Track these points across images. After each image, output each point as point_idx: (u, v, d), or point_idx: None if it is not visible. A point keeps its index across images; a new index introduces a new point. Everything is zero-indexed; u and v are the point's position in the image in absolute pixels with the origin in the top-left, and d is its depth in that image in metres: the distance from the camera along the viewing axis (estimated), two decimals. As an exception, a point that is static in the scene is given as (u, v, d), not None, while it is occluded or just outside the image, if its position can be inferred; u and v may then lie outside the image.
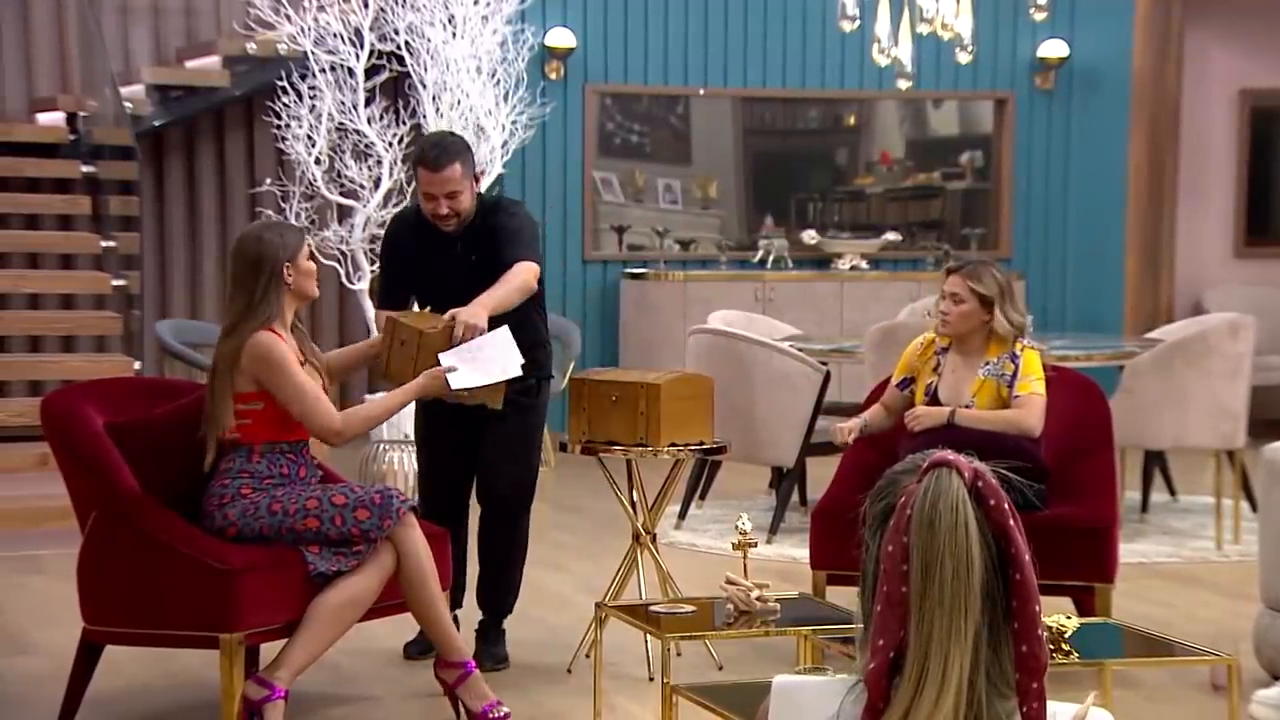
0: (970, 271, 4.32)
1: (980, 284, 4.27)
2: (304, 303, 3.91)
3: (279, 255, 3.81)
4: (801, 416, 6.08)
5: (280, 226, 4.00)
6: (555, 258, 8.57)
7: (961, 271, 4.33)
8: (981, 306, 4.28)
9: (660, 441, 4.26)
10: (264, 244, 3.83)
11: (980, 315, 4.29)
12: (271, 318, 3.78)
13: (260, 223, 4.23)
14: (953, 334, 4.35)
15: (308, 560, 3.71)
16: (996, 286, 4.28)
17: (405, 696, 4.15)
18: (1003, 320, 4.28)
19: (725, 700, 3.14)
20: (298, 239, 3.86)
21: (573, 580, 5.46)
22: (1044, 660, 1.47)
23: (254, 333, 3.75)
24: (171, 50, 8.37)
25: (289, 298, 3.83)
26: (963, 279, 4.30)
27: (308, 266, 3.85)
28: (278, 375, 3.74)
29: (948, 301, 4.32)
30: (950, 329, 4.34)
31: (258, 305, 3.77)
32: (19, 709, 4.01)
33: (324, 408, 3.78)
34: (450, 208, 4.22)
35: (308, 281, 3.86)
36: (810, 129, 9.30)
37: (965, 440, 4.01)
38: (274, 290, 3.79)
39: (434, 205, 4.22)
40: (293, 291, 3.83)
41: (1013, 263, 9.22)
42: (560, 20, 8.45)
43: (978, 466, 1.49)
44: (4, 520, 5.92)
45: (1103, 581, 4.27)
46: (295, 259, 3.81)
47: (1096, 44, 9.19)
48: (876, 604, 1.47)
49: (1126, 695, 4.01)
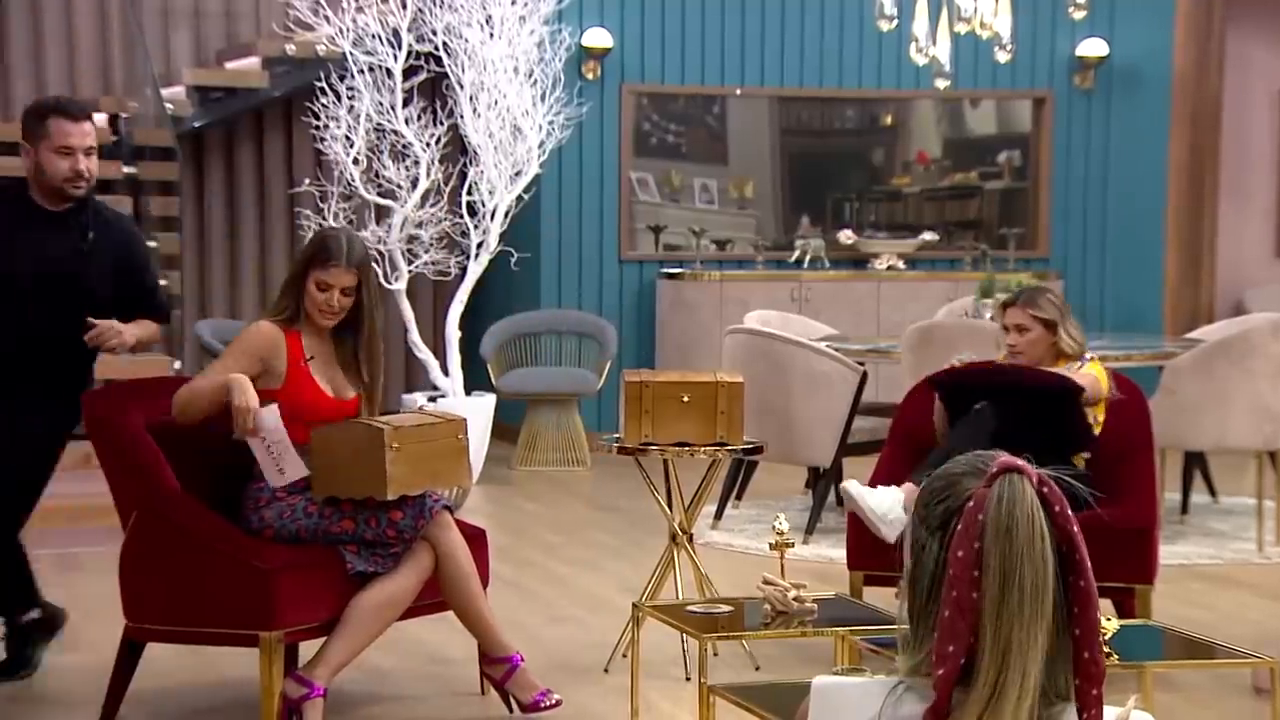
0: (1028, 300, 4.46)
1: (1040, 309, 4.42)
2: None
3: (297, 261, 3.86)
4: (838, 417, 6.07)
5: (321, 239, 3.85)
6: (592, 257, 8.58)
7: (1019, 302, 4.46)
8: (1046, 330, 4.40)
9: (740, 440, 4.29)
10: (310, 241, 3.86)
11: (1047, 339, 4.42)
12: (287, 313, 3.79)
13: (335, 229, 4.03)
14: (1026, 362, 4.43)
15: (346, 559, 3.72)
16: (1055, 309, 4.43)
17: (444, 695, 4.16)
18: (1067, 339, 4.41)
19: (763, 700, 3.14)
20: (312, 255, 3.77)
21: (610, 580, 5.47)
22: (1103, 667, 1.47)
23: (262, 319, 3.83)
24: (212, 52, 8.43)
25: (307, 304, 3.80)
26: (1022, 308, 4.43)
27: (311, 290, 3.76)
28: (228, 346, 3.85)
29: (1013, 334, 4.44)
30: (1023, 359, 4.44)
31: (282, 294, 3.85)
32: (62, 705, 4.05)
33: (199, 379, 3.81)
34: (89, 168, 3.95)
35: (310, 304, 3.77)
36: (847, 129, 9.27)
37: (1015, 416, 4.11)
38: (294, 290, 3.80)
39: (72, 162, 3.91)
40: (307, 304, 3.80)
41: (1050, 262, 9.17)
42: (597, 20, 8.46)
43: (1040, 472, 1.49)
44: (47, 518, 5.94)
45: (1143, 583, 4.25)
46: (307, 270, 3.78)
47: (1136, 43, 9.13)
48: (944, 609, 1.46)
49: (1167, 698, 3.98)
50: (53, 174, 3.92)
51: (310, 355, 3.79)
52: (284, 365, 3.76)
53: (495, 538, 4.32)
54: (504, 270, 7.54)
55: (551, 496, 7.23)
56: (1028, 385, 4.30)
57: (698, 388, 4.29)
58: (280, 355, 3.76)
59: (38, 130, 3.93)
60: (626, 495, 6.90)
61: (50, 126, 3.91)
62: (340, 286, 3.76)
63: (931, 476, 1.57)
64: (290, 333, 3.78)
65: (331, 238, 3.83)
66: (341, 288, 3.76)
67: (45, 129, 3.91)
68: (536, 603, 5.13)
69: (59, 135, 3.90)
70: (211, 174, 8.31)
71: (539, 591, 5.31)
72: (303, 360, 3.78)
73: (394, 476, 3.63)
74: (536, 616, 4.93)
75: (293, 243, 8.26)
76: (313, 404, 3.78)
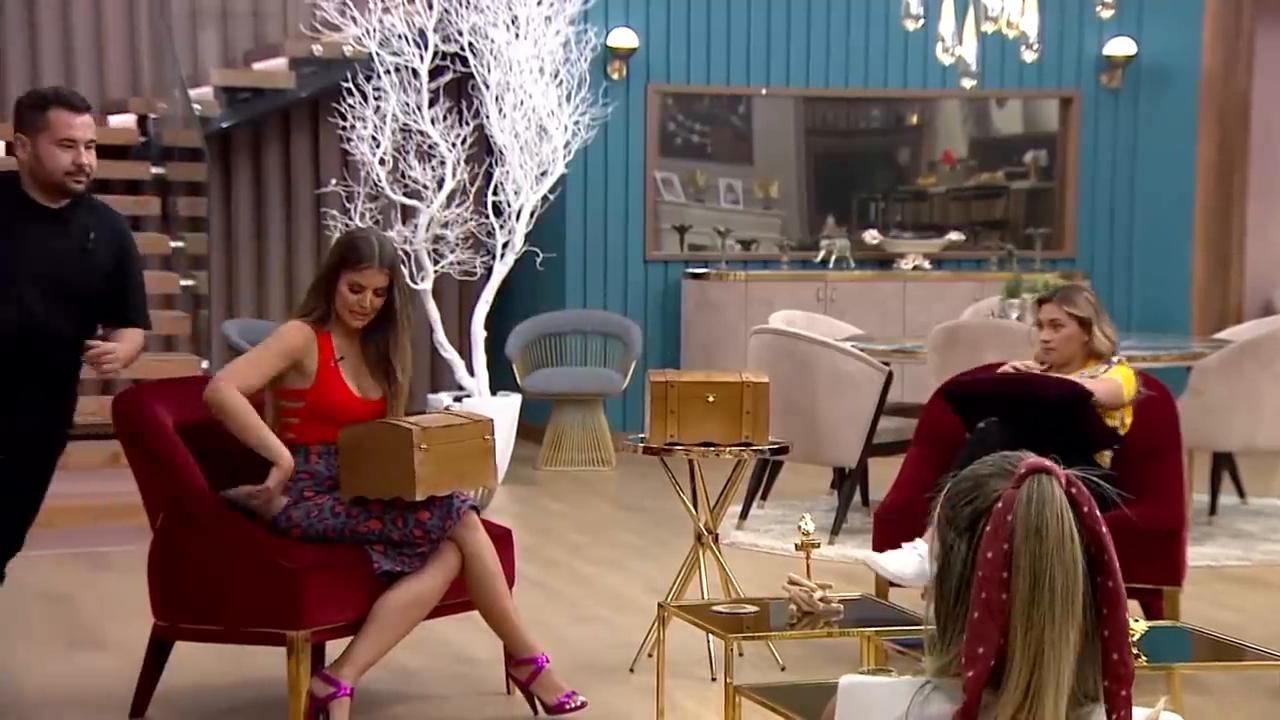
0: (1064, 297, 4.48)
1: (1076, 307, 4.43)
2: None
3: (327, 263, 3.85)
4: (864, 417, 6.06)
5: (351, 241, 3.85)
6: (617, 257, 8.59)
7: (1055, 299, 4.48)
8: (1080, 328, 4.41)
9: (765, 440, 4.29)
10: (339, 243, 3.88)
11: (1080, 337, 4.43)
12: (316, 313, 3.79)
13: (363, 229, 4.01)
14: (1058, 360, 4.45)
15: (373, 559, 3.74)
16: (1090, 307, 4.45)
17: (469, 694, 4.17)
18: (1101, 338, 4.42)
19: (789, 701, 3.14)
20: (343, 256, 3.77)
21: (635, 580, 5.47)
22: (1132, 668, 1.47)
23: (296, 318, 3.82)
24: (239, 53, 8.47)
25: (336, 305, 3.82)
26: (1058, 305, 4.45)
27: (342, 291, 3.78)
28: (265, 341, 3.82)
29: (1047, 329, 4.45)
30: (1056, 355, 4.44)
31: (311, 293, 3.85)
32: (92, 703, 4.07)
33: (233, 367, 3.78)
34: (90, 162, 3.76)
35: (341, 305, 3.78)
36: (872, 128, 9.25)
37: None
38: (323, 291, 3.82)
39: (74, 155, 3.71)
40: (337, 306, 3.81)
41: (1077, 263, 9.13)
42: (623, 20, 8.46)
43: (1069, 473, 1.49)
44: (76, 517, 6.01)
45: (1171, 584, 4.23)
46: (338, 273, 3.79)
47: (1164, 41, 9.09)
48: (973, 610, 1.46)
49: (1196, 700, 3.96)
50: (53, 167, 3.72)
51: (340, 356, 3.81)
52: (315, 365, 3.78)
53: (520, 537, 4.33)
54: (529, 270, 7.56)
55: (576, 496, 7.24)
56: (1037, 394, 4.29)
57: (723, 388, 4.29)
58: (312, 355, 3.78)
59: (36, 121, 3.72)
60: (651, 495, 6.90)
61: (51, 117, 3.72)
62: (373, 287, 3.78)
63: (958, 478, 1.56)
64: (321, 333, 3.80)
65: (362, 239, 3.84)
66: (374, 289, 3.78)
67: (45, 120, 3.72)
68: (562, 603, 5.14)
69: (60, 127, 3.71)
70: (239, 174, 8.34)
71: (564, 591, 5.32)
72: (333, 361, 3.79)
73: (422, 477, 3.64)
74: (562, 616, 4.93)
75: (319, 243, 8.29)
76: (342, 404, 3.80)
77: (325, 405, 3.77)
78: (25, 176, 3.76)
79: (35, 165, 3.73)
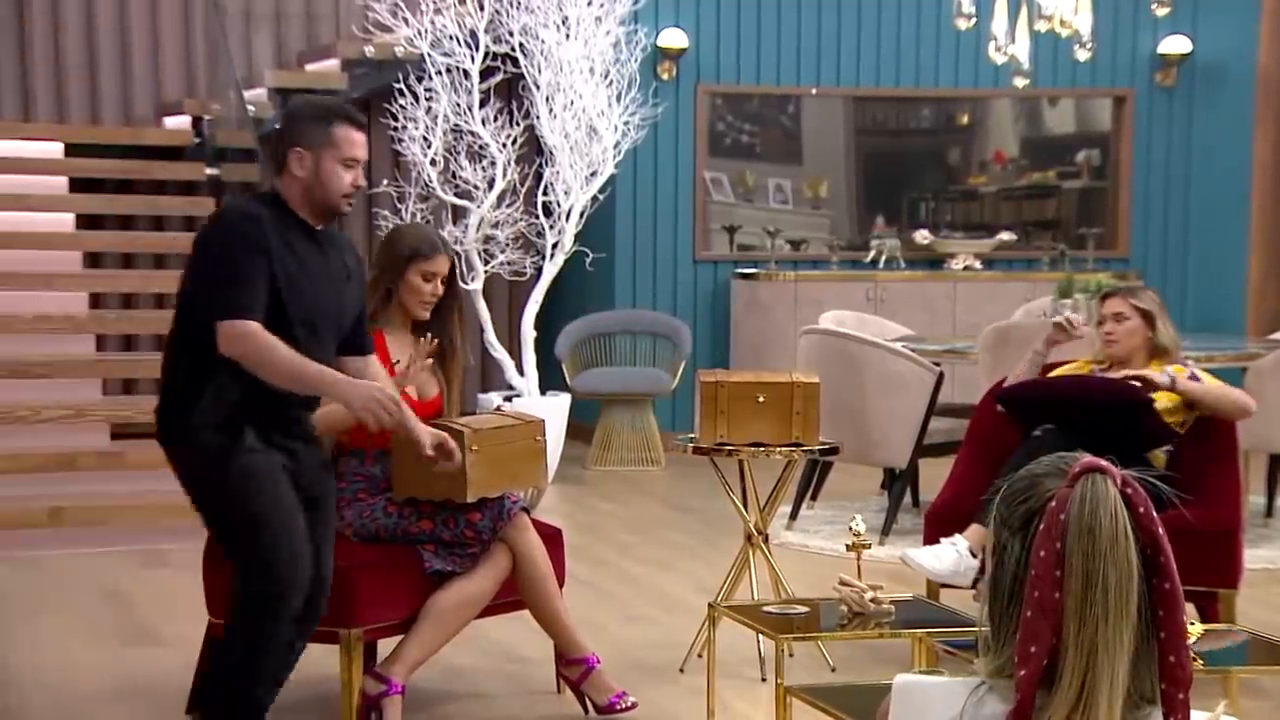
0: (1129, 290, 4.50)
1: (1141, 300, 4.43)
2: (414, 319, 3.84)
3: (392, 254, 3.83)
4: (914, 417, 6.03)
5: (417, 233, 3.90)
6: (666, 257, 8.59)
7: (1119, 293, 4.48)
8: (1144, 322, 4.40)
9: (815, 441, 4.29)
10: (393, 240, 3.89)
11: (1144, 332, 4.41)
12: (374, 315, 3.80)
13: (412, 223, 4.05)
14: (1120, 353, 4.42)
15: (424, 558, 3.76)
16: (1155, 303, 4.45)
17: (519, 694, 4.19)
18: (1165, 333, 4.41)
19: (840, 702, 3.13)
20: (414, 250, 3.81)
21: (685, 580, 5.47)
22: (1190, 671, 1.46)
23: None
24: (292, 54, 8.54)
25: (397, 302, 3.84)
26: (1123, 298, 4.44)
27: (415, 282, 3.82)
28: None
29: (1110, 322, 4.43)
30: (1119, 348, 4.42)
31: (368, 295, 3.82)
32: (148, 698, 4.12)
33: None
34: (363, 183, 3.46)
35: (410, 298, 3.82)
36: (922, 128, 9.21)
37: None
38: (381, 287, 3.83)
39: (355, 176, 3.38)
40: (399, 302, 3.84)
41: (1130, 263, 9.05)
42: (673, 21, 8.47)
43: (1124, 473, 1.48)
44: (132, 515, 6.08)
45: (1227, 587, 4.19)
46: (404, 268, 3.82)
47: (1220, 40, 8.99)
48: (1025, 609, 1.46)
49: (1253, 705, 3.92)
50: (335, 188, 3.34)
51: (396, 359, 3.83)
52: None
53: (570, 537, 4.34)
54: (579, 270, 7.57)
55: (626, 496, 7.25)
56: (1096, 398, 4.25)
57: (773, 388, 4.29)
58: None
59: (320, 137, 3.34)
60: (701, 495, 6.90)
61: (337, 134, 3.35)
62: (441, 275, 3.85)
63: (1014, 478, 1.56)
64: (376, 333, 3.82)
65: (423, 231, 3.92)
66: (441, 276, 3.85)
67: (331, 136, 3.34)
68: (611, 602, 5.15)
69: (346, 145, 3.36)
70: (291, 175, 8.40)
71: (614, 591, 5.33)
72: (390, 364, 3.81)
73: (474, 479, 3.66)
74: (611, 616, 4.94)
75: (370, 243, 8.33)
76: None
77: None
78: (296, 195, 3.34)
79: (314, 184, 3.33)
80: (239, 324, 3.19)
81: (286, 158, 3.36)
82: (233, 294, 3.20)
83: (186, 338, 3.31)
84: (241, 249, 3.23)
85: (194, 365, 3.27)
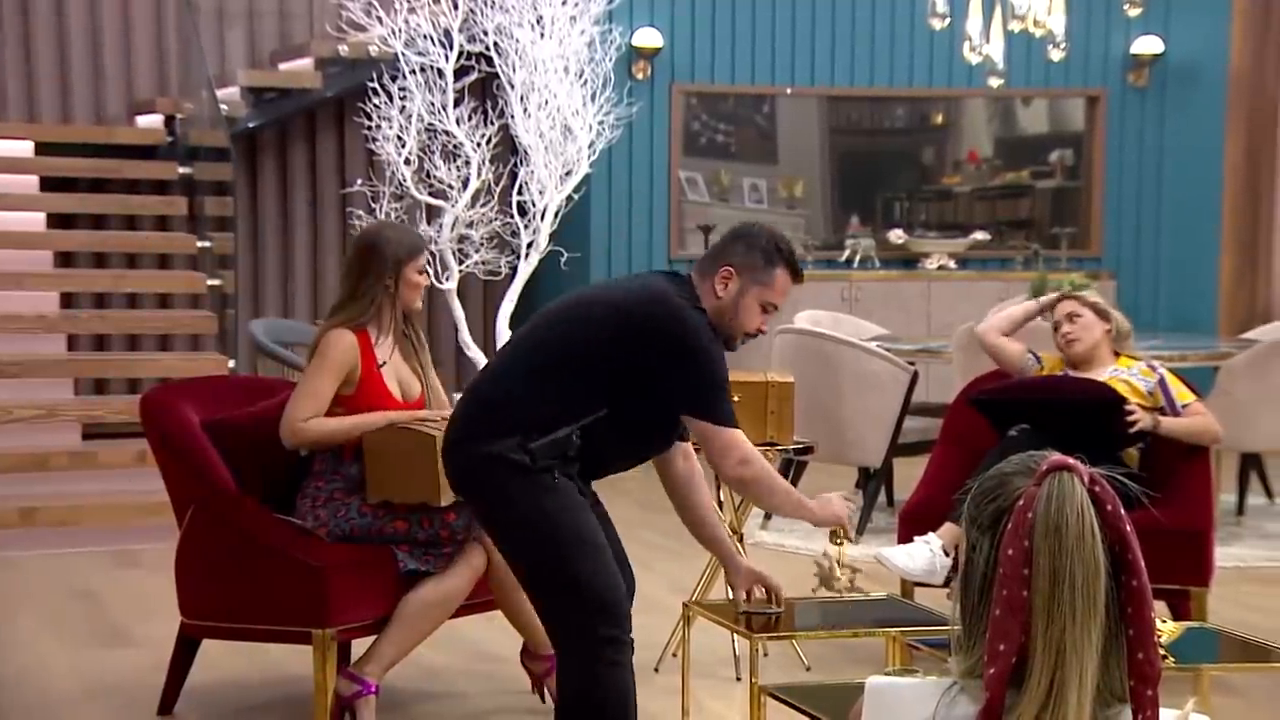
0: (1075, 290, 4.62)
1: (1089, 297, 4.54)
2: (409, 312, 3.87)
3: (387, 258, 3.82)
4: (889, 417, 6.05)
5: (401, 231, 3.95)
6: (641, 257, 8.59)
7: (1068, 296, 4.59)
8: (1099, 317, 4.48)
9: (790, 440, 4.29)
10: (379, 242, 3.85)
11: (1101, 325, 4.49)
12: (364, 316, 3.80)
13: (386, 221, 4.06)
14: (1082, 350, 4.49)
15: (398, 558, 3.75)
16: (1101, 298, 4.58)
17: (494, 693, 4.18)
18: (1121, 321, 4.50)
19: (814, 701, 3.13)
20: (411, 248, 3.83)
21: (660, 580, 5.47)
22: (1159, 668, 1.47)
23: (334, 327, 3.79)
24: (265, 53, 8.50)
25: (388, 302, 3.84)
26: (1072, 299, 4.54)
27: (414, 279, 3.83)
28: (309, 366, 3.80)
29: (1067, 324, 4.51)
30: (1080, 345, 4.49)
31: (355, 300, 3.80)
32: (120, 699, 4.10)
33: (300, 405, 3.71)
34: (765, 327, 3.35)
35: (411, 293, 3.84)
36: (897, 128, 9.23)
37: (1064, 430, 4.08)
38: (375, 290, 3.81)
39: (764, 321, 3.27)
40: (394, 298, 3.84)
41: (1103, 262, 9.09)
42: (647, 20, 8.47)
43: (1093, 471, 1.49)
44: (104, 515, 6.05)
45: (1198, 585, 4.22)
46: (403, 267, 3.82)
47: (1192, 40, 9.04)
48: (995, 608, 1.46)
49: (1224, 702, 3.94)
50: (744, 323, 3.21)
51: (383, 361, 3.83)
52: (359, 372, 3.79)
53: (546, 536, 4.32)
54: (554, 270, 7.56)
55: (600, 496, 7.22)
56: (1069, 399, 4.28)
57: (748, 387, 4.29)
58: (357, 362, 3.79)
59: (759, 271, 3.19)
60: (676, 495, 6.88)
61: (777, 277, 3.21)
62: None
63: (984, 477, 1.57)
64: (361, 334, 3.81)
65: (401, 229, 3.97)
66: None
67: (771, 276, 3.20)
68: (586, 601, 5.13)
69: (778, 292, 3.23)
70: (264, 174, 8.38)
71: (589, 590, 5.31)
72: (376, 366, 3.81)
73: (446, 483, 3.65)
74: (586, 615, 4.93)
75: (344, 242, 8.31)
76: (383, 410, 3.81)
77: (368, 409, 3.78)
78: (711, 313, 3.18)
79: (728, 309, 3.19)
80: (740, 436, 3.15)
81: (716, 270, 3.19)
82: (728, 401, 3.12)
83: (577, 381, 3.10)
84: (716, 349, 3.13)
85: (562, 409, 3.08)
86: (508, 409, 3.08)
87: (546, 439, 3.06)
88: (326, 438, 3.75)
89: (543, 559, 3.09)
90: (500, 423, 3.07)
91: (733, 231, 3.31)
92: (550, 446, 3.07)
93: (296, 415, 3.73)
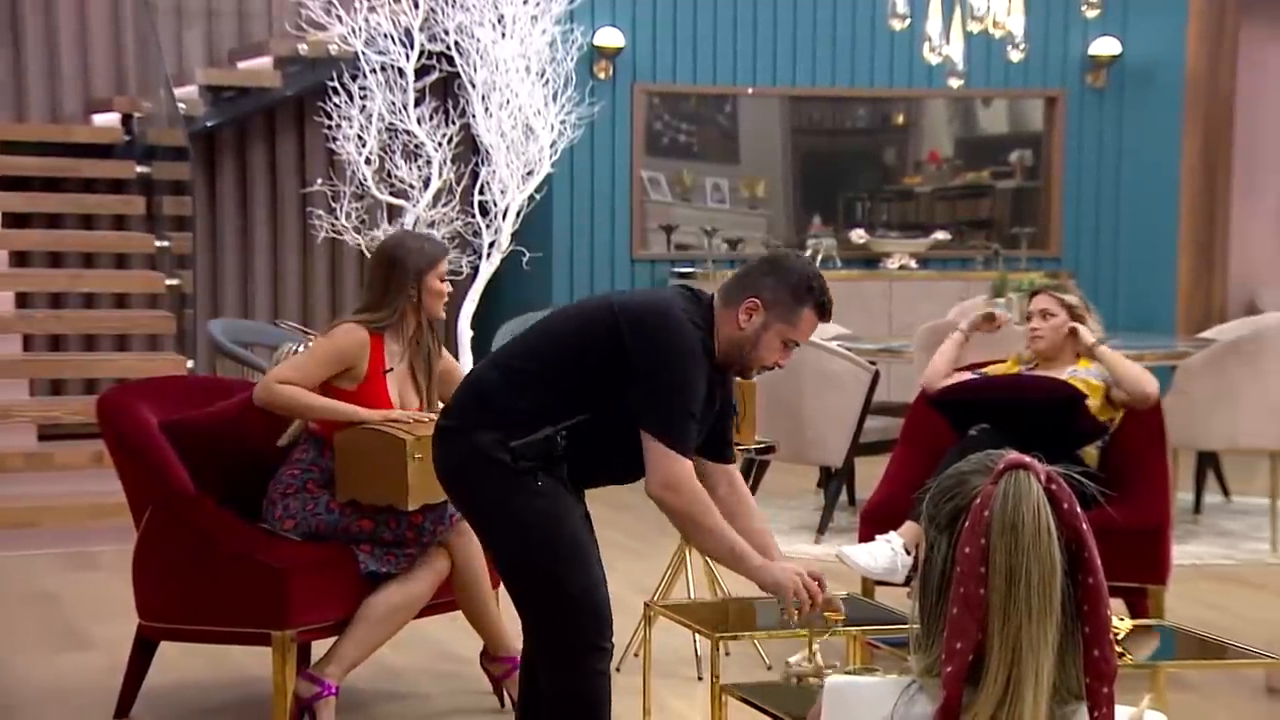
0: (1057, 287, 4.61)
1: (1067, 293, 4.55)
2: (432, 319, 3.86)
3: (409, 269, 3.80)
4: (850, 416, 6.07)
5: (421, 239, 3.94)
6: (604, 257, 8.59)
7: (1046, 290, 4.58)
8: (1071, 318, 4.49)
9: (752, 439, 4.29)
10: (402, 251, 3.83)
11: (1069, 328, 4.49)
12: (386, 321, 3.78)
13: (408, 230, 4.04)
14: (1046, 348, 4.50)
15: (359, 559, 3.74)
16: (1079, 299, 4.55)
17: (455, 693, 4.17)
18: (1092, 328, 4.49)
19: (775, 700, 3.14)
20: (432, 257, 3.81)
21: (621, 579, 5.45)
22: (1114, 665, 1.47)
23: (352, 322, 3.78)
24: (224, 51, 8.45)
25: (411, 311, 3.82)
26: (1050, 295, 4.53)
27: (436, 286, 3.81)
28: (313, 343, 3.79)
29: (1037, 319, 4.52)
30: (1044, 344, 4.50)
31: (376, 306, 3.79)
32: (77, 701, 4.06)
33: (285, 370, 3.72)
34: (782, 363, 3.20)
35: (434, 301, 3.82)
36: (858, 128, 9.27)
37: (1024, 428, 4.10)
38: (397, 298, 3.79)
39: (785, 356, 3.13)
40: (417, 306, 3.81)
41: (1063, 262, 9.15)
42: (609, 20, 8.46)
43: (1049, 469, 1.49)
44: (61, 516, 6.00)
45: (1155, 583, 4.25)
46: (425, 276, 3.80)
47: (1149, 41, 9.11)
48: (951, 606, 1.47)
49: (1181, 698, 3.97)
50: (761, 357, 3.07)
51: (390, 368, 3.81)
52: (364, 370, 3.77)
53: (507, 537, 4.31)
54: (516, 270, 7.55)
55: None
56: (1029, 399, 4.31)
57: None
58: (364, 360, 3.77)
59: (786, 309, 3.05)
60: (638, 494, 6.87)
61: (804, 316, 3.07)
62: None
63: (942, 476, 1.57)
64: (375, 336, 3.80)
65: (420, 237, 3.98)
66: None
67: (798, 314, 3.06)
68: (548, 602, 5.13)
69: (803, 330, 3.09)
70: (224, 174, 8.32)
71: (551, 590, 5.30)
72: (383, 370, 3.80)
73: (415, 487, 3.64)
74: (548, 615, 4.92)
75: (305, 242, 8.27)
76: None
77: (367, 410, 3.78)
78: (724, 336, 3.05)
79: (746, 341, 3.05)
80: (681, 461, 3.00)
81: (742, 300, 3.04)
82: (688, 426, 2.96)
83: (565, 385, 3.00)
84: (697, 374, 2.95)
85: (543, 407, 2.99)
86: (493, 400, 3.02)
87: (527, 439, 3.00)
88: (293, 405, 3.72)
89: (531, 561, 3.02)
90: (486, 414, 3.01)
91: (766, 260, 3.14)
92: (531, 447, 3.00)
93: (277, 374, 3.74)
